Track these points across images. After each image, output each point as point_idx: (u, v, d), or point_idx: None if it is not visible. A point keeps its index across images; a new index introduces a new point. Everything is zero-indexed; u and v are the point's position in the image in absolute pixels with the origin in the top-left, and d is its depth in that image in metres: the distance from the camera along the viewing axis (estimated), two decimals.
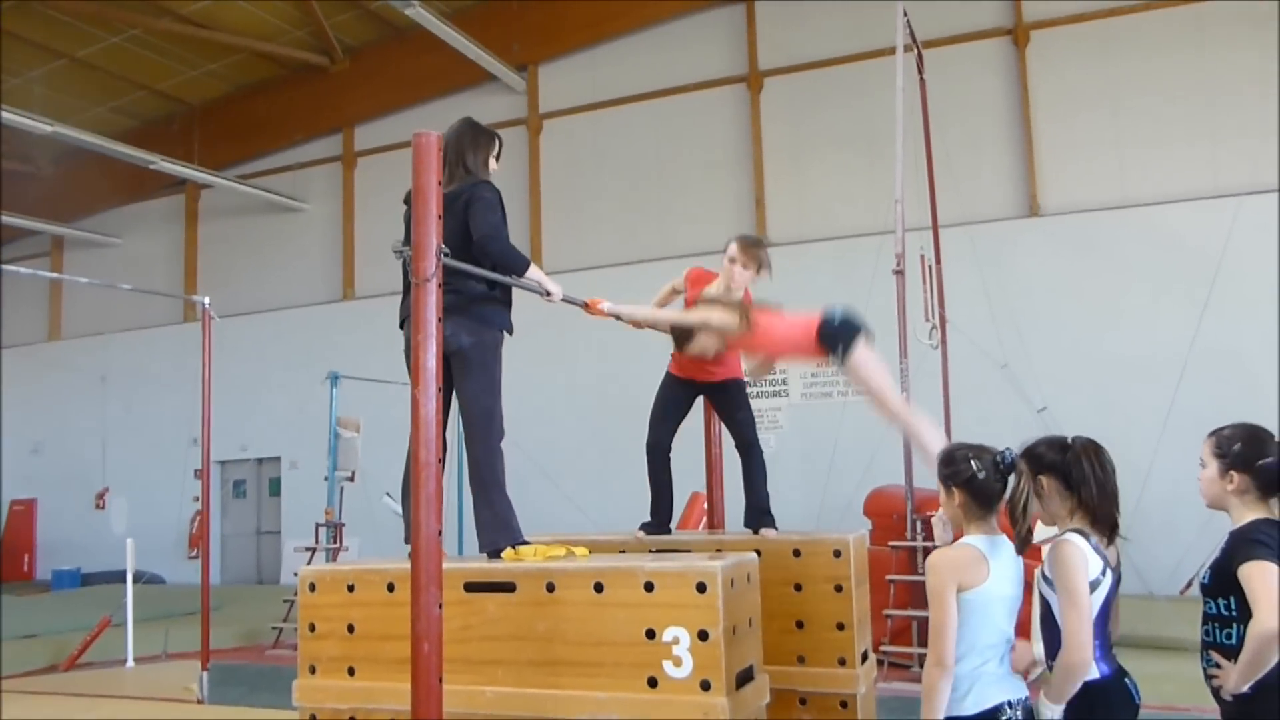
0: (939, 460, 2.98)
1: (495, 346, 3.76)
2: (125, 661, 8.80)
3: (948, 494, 2.90)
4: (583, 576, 3.19)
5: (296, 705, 3.62)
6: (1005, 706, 2.73)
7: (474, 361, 3.68)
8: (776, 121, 13.28)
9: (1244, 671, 2.59)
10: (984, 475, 2.83)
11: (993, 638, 2.79)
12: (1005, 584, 2.81)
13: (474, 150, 3.91)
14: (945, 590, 2.72)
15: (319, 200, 16.24)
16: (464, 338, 3.64)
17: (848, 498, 8.98)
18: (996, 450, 2.88)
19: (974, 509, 2.86)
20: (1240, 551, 2.66)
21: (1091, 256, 11.35)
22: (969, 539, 2.85)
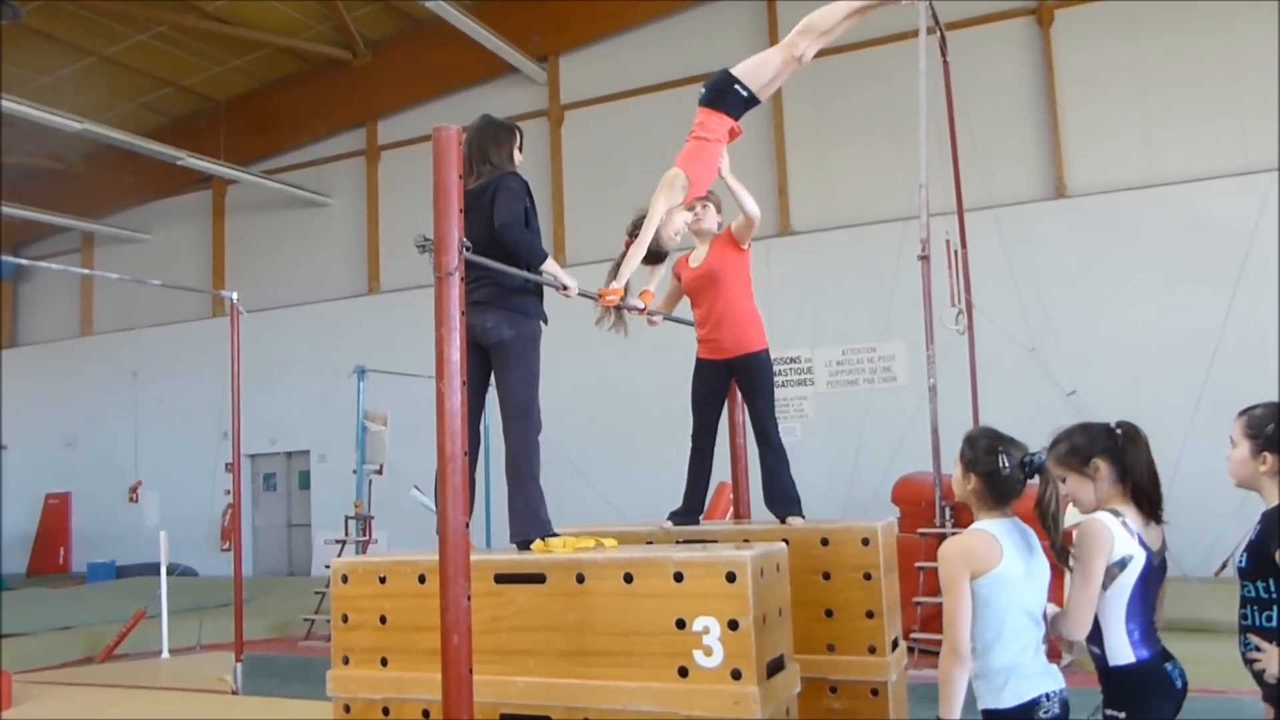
0: (965, 439, 2.90)
1: (535, 339, 3.78)
2: (160, 653, 8.92)
3: (964, 476, 2.84)
4: (612, 567, 3.20)
5: (330, 695, 3.66)
6: (1043, 699, 2.69)
7: (514, 354, 3.70)
8: (798, 108, 13.19)
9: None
10: (1008, 472, 2.77)
11: (1021, 623, 2.72)
12: (1023, 566, 2.74)
13: (496, 145, 3.94)
14: (957, 579, 2.68)
15: (343, 194, 16.33)
16: (505, 330, 3.67)
17: (875, 485, 8.95)
18: (1027, 449, 2.81)
19: (989, 499, 2.81)
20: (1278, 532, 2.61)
21: (1119, 237, 11.22)
22: (981, 524, 2.79)
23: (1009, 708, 2.68)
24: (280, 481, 16.71)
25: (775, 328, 12.78)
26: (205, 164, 14.95)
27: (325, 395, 14.61)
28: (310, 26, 14.91)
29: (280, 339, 15.41)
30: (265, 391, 14.27)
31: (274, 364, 15.00)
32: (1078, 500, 2.88)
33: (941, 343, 8.02)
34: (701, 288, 4.45)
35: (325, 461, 15.54)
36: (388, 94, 15.59)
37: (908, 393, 11.18)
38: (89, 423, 17.81)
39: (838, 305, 12.48)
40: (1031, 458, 2.78)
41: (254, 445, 15.08)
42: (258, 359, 12.30)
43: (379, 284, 15.76)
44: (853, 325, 12.30)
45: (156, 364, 17.11)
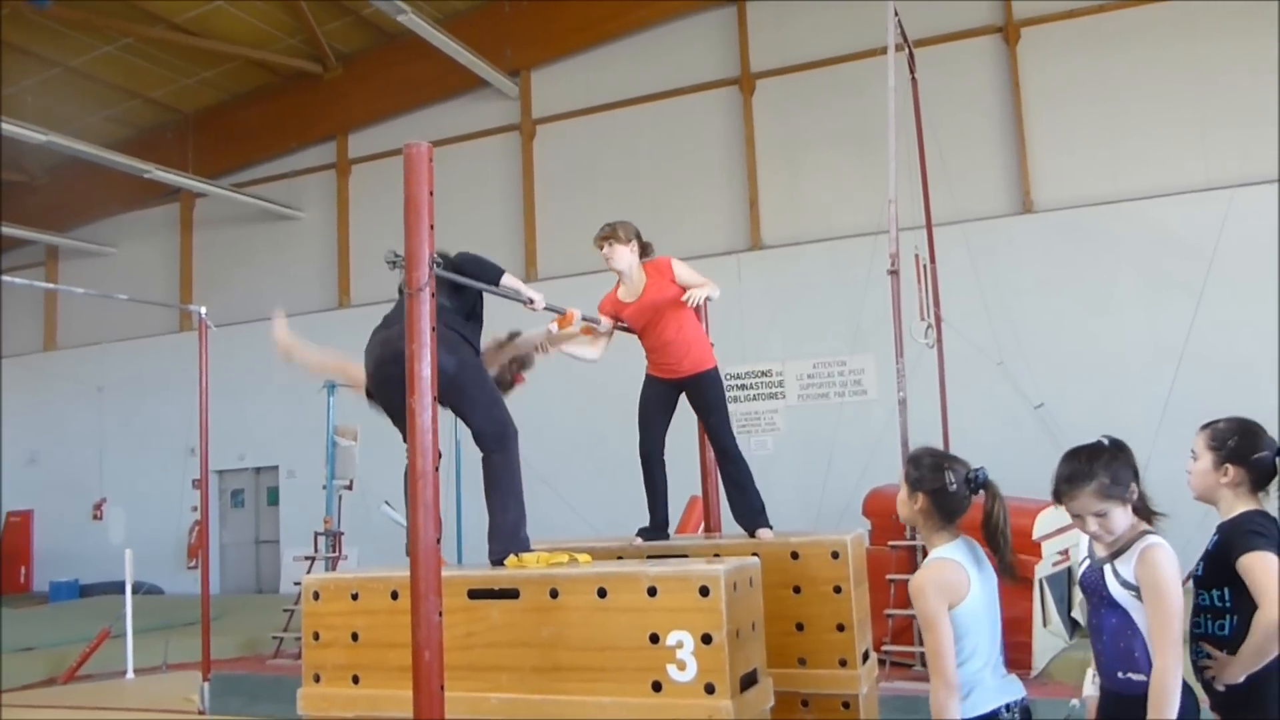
0: (909, 460, 2.92)
1: (477, 362, 3.79)
2: (125, 673, 8.78)
3: (910, 496, 2.85)
4: (586, 582, 3.20)
5: (301, 714, 3.62)
6: (1003, 710, 2.73)
7: (466, 381, 3.70)
8: (769, 123, 13.29)
9: (1246, 661, 2.60)
10: (955, 489, 2.78)
11: (986, 642, 2.77)
12: (984, 587, 2.78)
13: None
14: (938, 613, 2.68)
15: (314, 208, 16.23)
16: (445, 358, 3.62)
17: (846, 498, 8.99)
18: (970, 465, 2.83)
19: (936, 518, 2.82)
20: (1239, 543, 2.67)
21: (1085, 251, 11.38)
22: (944, 551, 2.79)
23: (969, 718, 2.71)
24: (248, 498, 16.52)
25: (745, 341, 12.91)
26: (173, 177, 14.81)
27: (294, 410, 14.47)
28: (280, 39, 14.84)
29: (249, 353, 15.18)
30: (234, 406, 14.11)
31: (243, 379, 14.84)
32: (1111, 530, 2.67)
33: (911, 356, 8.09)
34: (648, 320, 4.46)
35: (294, 477, 15.38)
36: (359, 107, 15.54)
37: (878, 405, 11.26)
38: (53, 439, 17.52)
39: (808, 319, 12.55)
40: (976, 473, 2.81)
41: (222, 461, 14.89)
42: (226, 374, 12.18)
43: (350, 298, 15.67)
44: (823, 339, 12.38)
45: (123, 379, 16.88)
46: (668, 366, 4.46)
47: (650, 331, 4.49)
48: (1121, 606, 2.66)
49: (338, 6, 14.18)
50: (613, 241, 4.45)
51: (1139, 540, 2.65)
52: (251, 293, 16.17)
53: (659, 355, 4.49)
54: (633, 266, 4.48)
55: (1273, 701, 2.63)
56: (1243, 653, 2.61)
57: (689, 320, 4.50)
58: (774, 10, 13.33)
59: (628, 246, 4.46)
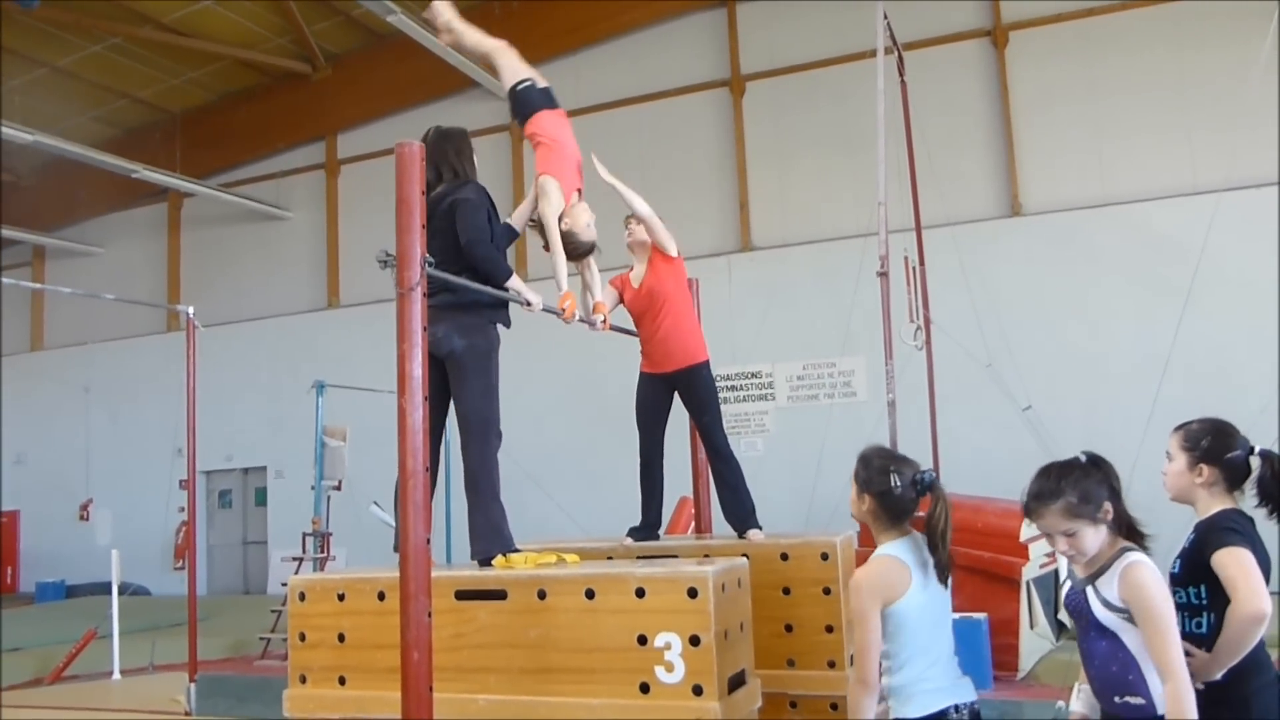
0: (859, 459, 2.92)
1: (490, 350, 3.76)
2: (111, 674, 8.73)
3: (859, 496, 2.86)
4: (574, 583, 3.20)
5: (287, 715, 3.61)
6: (951, 711, 2.71)
7: (469, 366, 3.68)
8: (759, 125, 13.31)
9: (1223, 656, 2.61)
10: (900, 491, 2.79)
11: (931, 637, 2.76)
12: (931, 586, 2.77)
13: (459, 154, 3.93)
14: (869, 612, 2.68)
15: (302, 208, 16.19)
16: (457, 340, 3.65)
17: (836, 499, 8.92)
18: (919, 467, 2.84)
19: (884, 519, 2.83)
20: (1213, 539, 2.69)
21: (1073, 255, 11.43)
22: (887, 549, 2.79)
23: (918, 718, 2.71)
24: (236, 498, 16.45)
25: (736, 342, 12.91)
26: (161, 177, 14.74)
27: (283, 411, 14.43)
28: (268, 39, 14.79)
29: (238, 354, 15.22)
30: (222, 407, 14.06)
31: (231, 379, 14.80)
32: (1082, 550, 2.60)
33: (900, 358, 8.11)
34: (644, 307, 4.49)
35: (282, 478, 15.33)
36: (348, 108, 15.50)
37: (867, 407, 11.28)
38: (39, 439, 17.42)
39: (798, 320, 12.57)
40: (922, 475, 2.82)
41: (209, 462, 14.84)
42: (214, 374, 12.14)
43: (339, 298, 15.63)
44: (813, 340, 12.40)
45: (109, 380, 16.80)
46: (659, 359, 4.47)
47: (645, 319, 4.51)
48: (1109, 630, 2.58)
49: (327, 7, 14.14)
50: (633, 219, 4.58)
51: (1118, 559, 2.59)
52: (239, 293, 16.13)
53: (651, 346, 4.50)
54: (645, 249, 4.54)
55: (1251, 697, 2.64)
56: (1219, 648, 2.62)
57: (685, 312, 4.52)
58: (764, 12, 13.35)
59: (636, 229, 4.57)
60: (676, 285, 4.48)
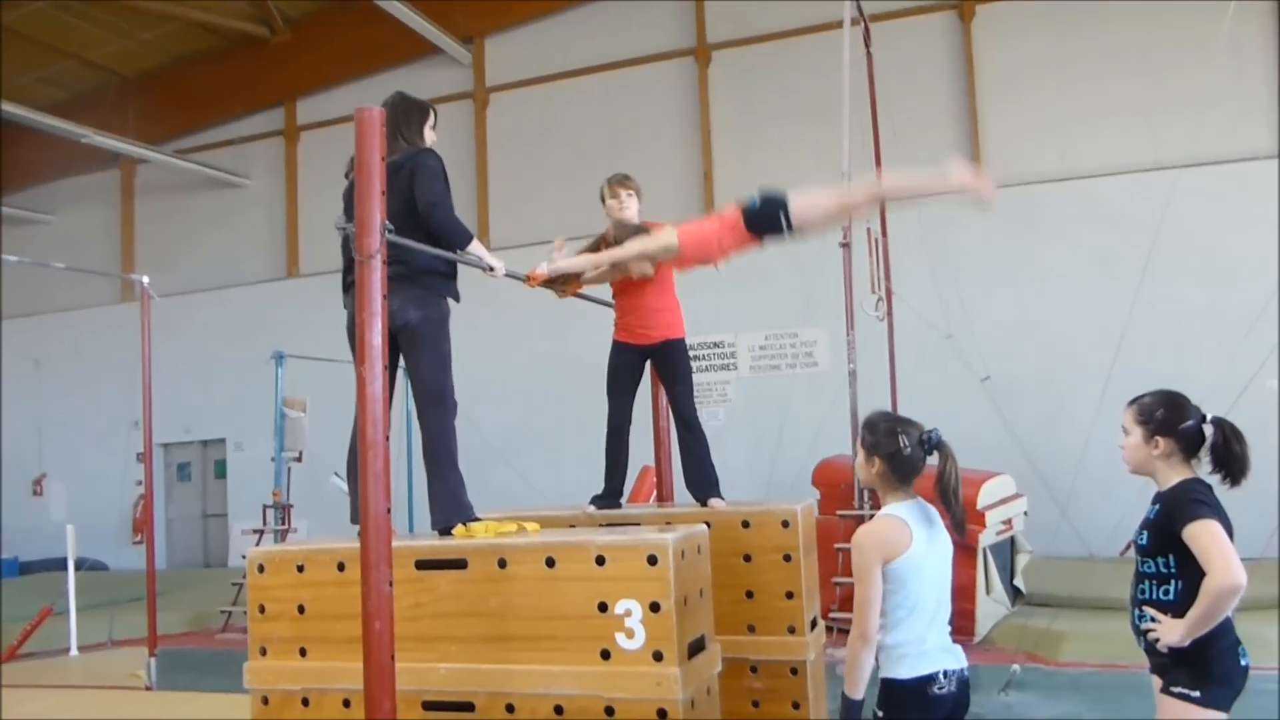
0: (864, 425, 2.98)
1: (443, 320, 3.74)
2: (69, 650, 8.61)
3: (867, 460, 2.92)
4: (534, 552, 3.20)
5: (248, 688, 3.59)
6: (940, 675, 2.78)
7: (424, 337, 3.66)
8: (724, 95, 13.26)
9: (1194, 625, 2.66)
10: (909, 451, 2.85)
11: (930, 603, 2.83)
12: (929, 547, 2.84)
13: (408, 122, 3.88)
14: (870, 566, 2.76)
15: (261, 176, 15.91)
16: (411, 312, 3.62)
17: (797, 468, 9.09)
18: (923, 427, 2.90)
19: (892, 480, 2.89)
20: (1183, 511, 2.73)
21: (1034, 228, 11.54)
22: (890, 508, 2.87)
23: (905, 679, 2.77)
24: (195, 471, 16.26)
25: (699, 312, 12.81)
26: (112, 142, 14.38)
27: (242, 382, 14.25)
28: (225, 1, 14.45)
29: (195, 324, 14.98)
30: (179, 378, 13.86)
31: (188, 350, 14.57)
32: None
33: (862, 329, 8.18)
34: (627, 282, 4.47)
35: (242, 450, 15.17)
36: (307, 73, 15.21)
37: (829, 378, 11.36)
38: None
39: (761, 291, 12.60)
40: (929, 435, 2.87)
41: (167, 434, 14.65)
42: (171, 345, 11.95)
43: (298, 267, 15.41)
44: (775, 311, 12.45)
45: (62, 351, 16.48)
46: (640, 331, 4.45)
47: (629, 292, 4.49)
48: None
49: None
50: (634, 193, 4.59)
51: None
52: (196, 262, 15.85)
53: (632, 318, 4.47)
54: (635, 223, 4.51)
55: (1214, 664, 2.72)
56: (1191, 617, 2.67)
57: (668, 287, 4.51)
58: None
59: (639, 203, 4.55)
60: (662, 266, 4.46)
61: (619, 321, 4.55)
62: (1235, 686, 2.75)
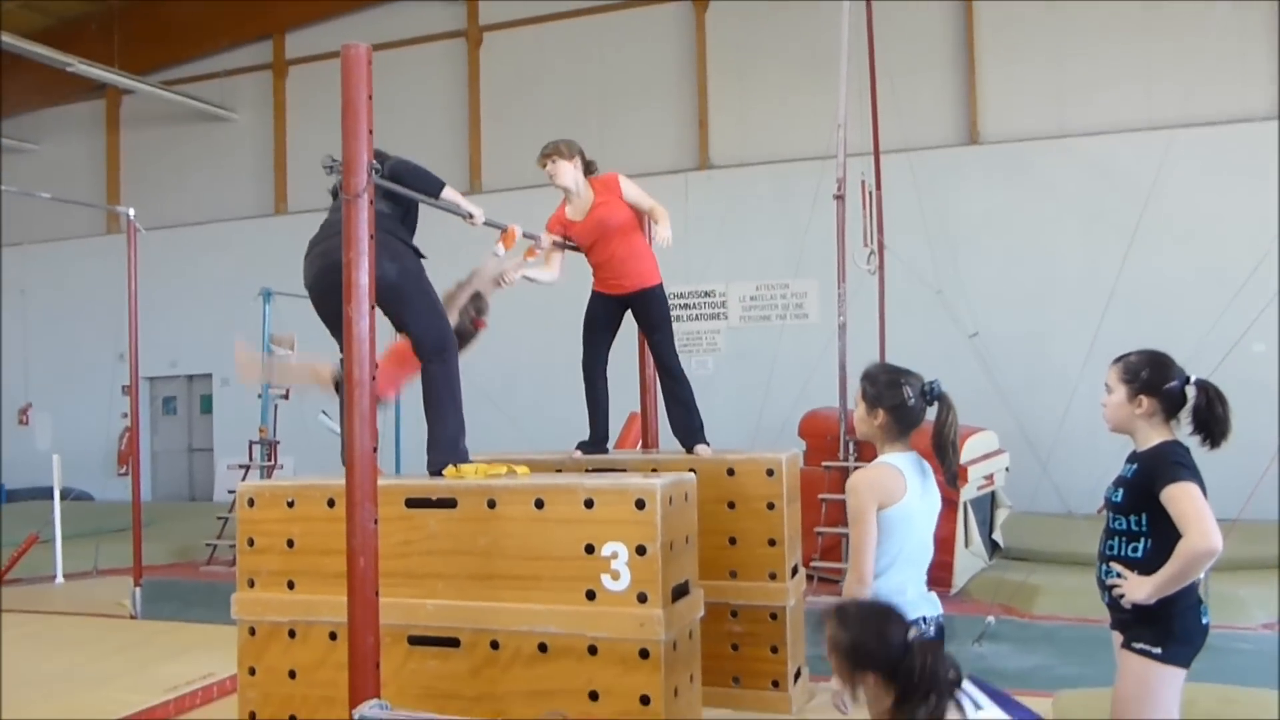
0: (864, 377, 3.00)
1: (420, 269, 3.73)
2: (55, 578, 8.68)
3: (869, 412, 2.94)
4: (523, 493, 3.23)
5: (235, 618, 3.63)
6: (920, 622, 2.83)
7: (407, 287, 3.64)
8: (722, 41, 13.09)
9: (1163, 584, 2.69)
10: (913, 403, 2.89)
11: (915, 552, 2.89)
12: (922, 498, 2.89)
13: None
14: (866, 510, 2.80)
15: (249, 110, 15.67)
16: (387, 264, 3.53)
17: (783, 418, 9.14)
18: (923, 378, 2.93)
19: (893, 431, 2.92)
20: (1163, 473, 2.75)
21: (1027, 185, 11.53)
22: (886, 457, 2.91)
23: None
24: (181, 405, 16.25)
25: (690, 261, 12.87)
26: (98, 71, 14.08)
27: (229, 317, 14.12)
28: None
29: (181, 258, 14.84)
30: (165, 312, 13.79)
31: (174, 284, 14.47)
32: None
33: (853, 282, 8.19)
34: (595, 238, 4.46)
35: (229, 385, 15.14)
36: (296, 6, 14.93)
37: (818, 330, 11.39)
38: None
39: (753, 241, 12.58)
40: (930, 386, 2.90)
41: (153, 368, 14.60)
42: (157, 278, 11.85)
43: (286, 205, 15.26)
44: (767, 262, 12.43)
45: (47, 281, 16.35)
46: (613, 283, 4.47)
47: (597, 248, 4.48)
48: None
49: None
50: (556, 159, 4.41)
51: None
52: (183, 196, 15.68)
53: (605, 271, 4.50)
54: (579, 184, 4.44)
55: (1177, 622, 2.75)
56: (1161, 576, 2.70)
57: (636, 237, 4.50)
58: None
59: (571, 163, 4.41)
60: (626, 213, 4.43)
61: (594, 274, 4.56)
62: (1196, 644, 2.79)
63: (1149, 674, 2.77)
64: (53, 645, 6.04)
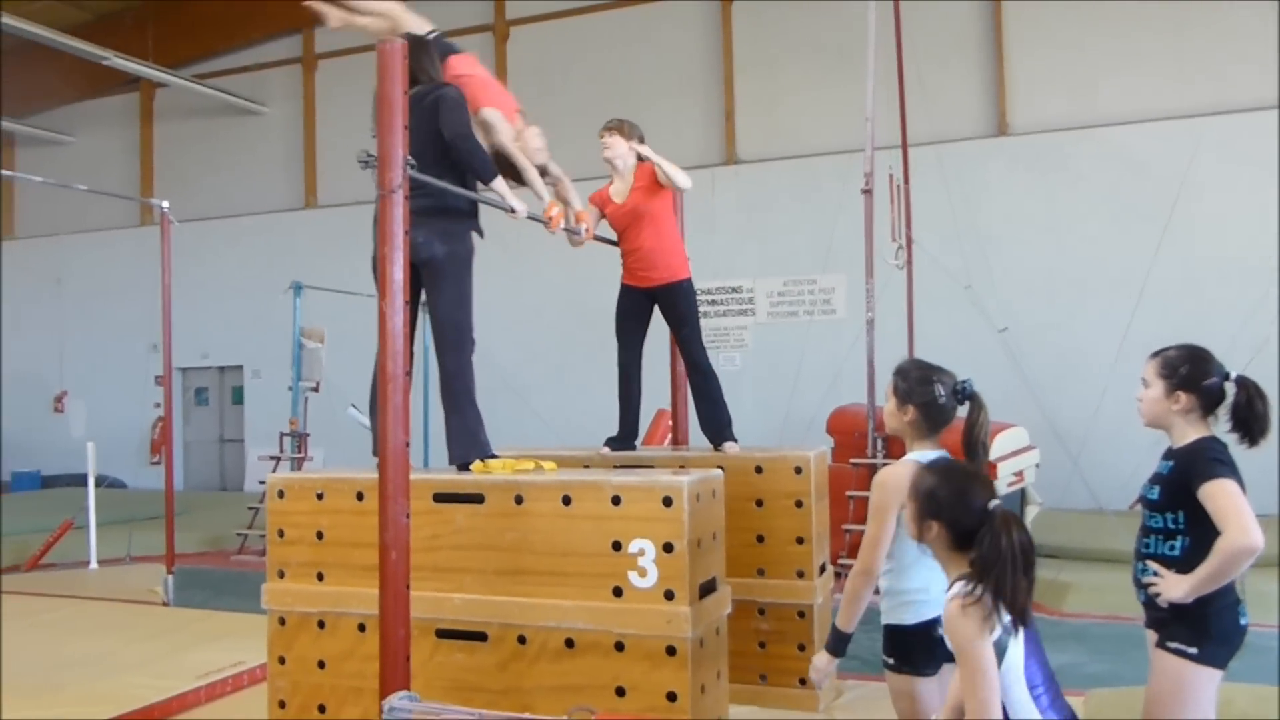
0: (896, 372, 2.97)
1: (467, 257, 3.74)
2: (89, 563, 8.82)
3: (899, 408, 2.92)
4: (551, 489, 3.24)
5: (265, 608, 3.67)
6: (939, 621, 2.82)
7: (446, 272, 3.66)
8: (748, 35, 13.02)
9: (1201, 583, 2.64)
10: (944, 400, 2.86)
11: None
12: None
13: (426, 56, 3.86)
14: (888, 507, 2.78)
15: (279, 103, 15.79)
16: (437, 246, 3.62)
17: (811, 415, 9.11)
18: (955, 376, 2.90)
19: (923, 428, 2.90)
20: (1201, 469, 2.70)
21: (1057, 177, 11.39)
22: (915, 454, 2.89)
23: (911, 625, 2.81)
24: (212, 396, 16.44)
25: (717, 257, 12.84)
26: (133, 65, 14.26)
27: (260, 310, 14.31)
28: None
29: (213, 250, 15.01)
30: (197, 304, 13.94)
31: (206, 276, 14.63)
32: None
33: (881, 277, 8.13)
34: (628, 223, 4.49)
35: (259, 377, 15.30)
36: None
37: (846, 325, 11.33)
38: (10, 329, 17.21)
39: (780, 236, 12.52)
40: (963, 384, 2.88)
41: (185, 359, 14.78)
42: (189, 270, 11.98)
43: (316, 198, 15.37)
44: (794, 257, 12.37)
45: (82, 272, 16.58)
46: (641, 274, 4.48)
47: (628, 235, 4.51)
48: None
49: None
50: (615, 133, 4.53)
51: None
52: (215, 188, 15.83)
53: (633, 260, 4.51)
54: (628, 167, 4.51)
55: (1213, 622, 2.70)
56: (1199, 574, 2.65)
57: (667, 229, 4.51)
58: None
59: (628, 143, 4.51)
60: (662, 204, 4.48)
61: (623, 264, 4.58)
62: (1233, 645, 2.74)
63: (1184, 674, 2.72)
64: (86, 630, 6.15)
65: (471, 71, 4.23)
